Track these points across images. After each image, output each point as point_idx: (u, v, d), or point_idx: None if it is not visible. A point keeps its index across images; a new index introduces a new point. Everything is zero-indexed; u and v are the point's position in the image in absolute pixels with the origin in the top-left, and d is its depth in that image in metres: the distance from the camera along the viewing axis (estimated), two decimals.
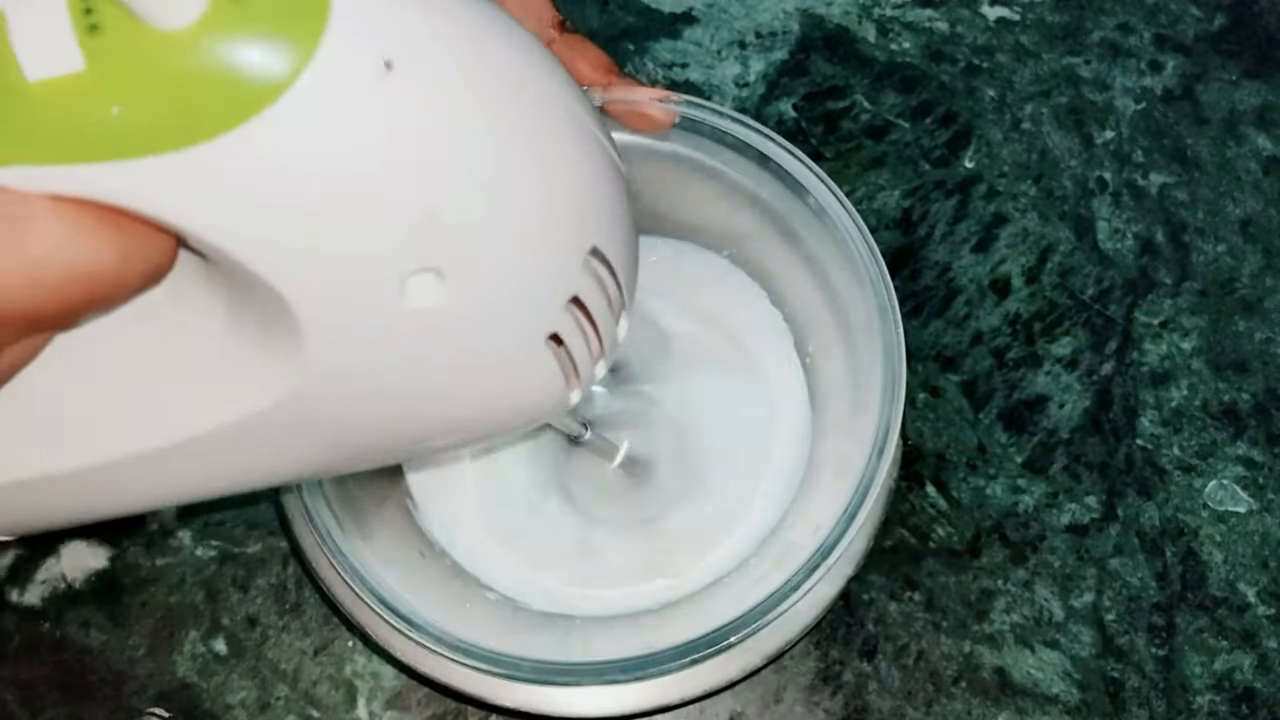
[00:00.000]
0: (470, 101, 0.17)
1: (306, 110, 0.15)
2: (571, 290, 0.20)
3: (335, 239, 0.17)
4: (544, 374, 0.21)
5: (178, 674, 0.36)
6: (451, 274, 0.18)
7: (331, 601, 0.31)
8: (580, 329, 0.21)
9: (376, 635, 0.30)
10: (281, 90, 0.15)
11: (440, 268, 0.17)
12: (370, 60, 0.16)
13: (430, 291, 0.18)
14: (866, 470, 0.28)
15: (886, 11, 0.46)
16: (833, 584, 0.30)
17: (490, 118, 0.18)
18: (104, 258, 0.16)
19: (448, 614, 0.29)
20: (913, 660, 0.36)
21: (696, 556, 0.34)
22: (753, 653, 0.30)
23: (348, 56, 0.16)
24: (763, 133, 0.31)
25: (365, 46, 0.16)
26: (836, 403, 0.34)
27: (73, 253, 0.16)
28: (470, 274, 0.18)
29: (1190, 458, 0.39)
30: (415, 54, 0.16)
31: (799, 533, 0.32)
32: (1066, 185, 0.43)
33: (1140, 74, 0.45)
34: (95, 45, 0.15)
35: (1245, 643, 0.37)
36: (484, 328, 0.19)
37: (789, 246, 0.34)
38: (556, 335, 0.20)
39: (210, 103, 0.15)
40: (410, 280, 0.17)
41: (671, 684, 0.30)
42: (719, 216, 0.36)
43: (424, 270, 0.17)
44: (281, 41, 0.15)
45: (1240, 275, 0.42)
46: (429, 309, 0.18)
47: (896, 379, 0.29)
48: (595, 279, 0.20)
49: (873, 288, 0.30)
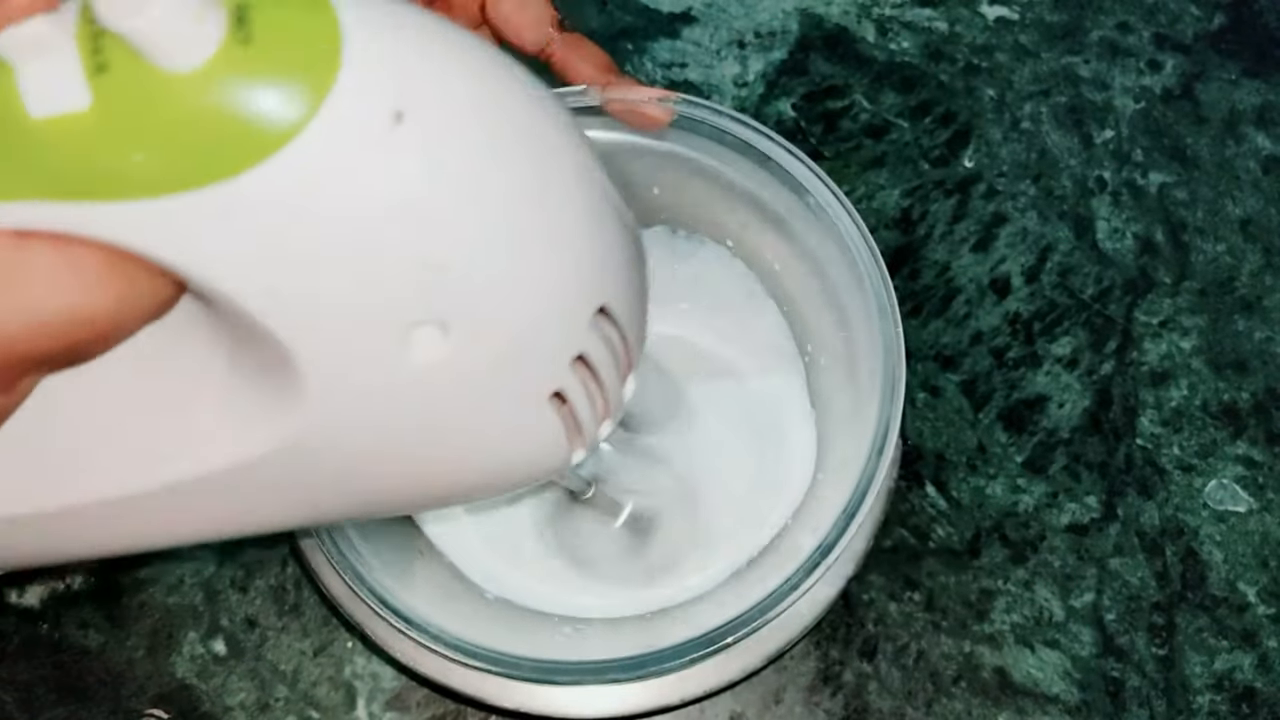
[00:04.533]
0: (481, 155, 0.17)
1: (314, 158, 0.15)
2: (577, 348, 0.19)
3: (339, 288, 0.16)
4: (546, 432, 0.20)
5: (177, 675, 0.36)
6: (456, 327, 0.17)
7: (330, 602, 0.31)
8: (585, 388, 0.20)
9: (375, 635, 0.30)
10: (289, 137, 0.15)
11: (445, 320, 0.17)
12: (381, 110, 0.15)
13: (434, 345, 0.17)
14: (865, 470, 0.28)
15: (885, 11, 0.46)
16: (832, 584, 0.30)
17: (500, 172, 0.17)
18: (104, 300, 0.16)
19: (446, 613, 0.29)
20: (913, 660, 0.36)
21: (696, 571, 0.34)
22: (753, 653, 0.30)
23: (358, 106, 0.15)
24: (762, 132, 0.31)
25: (376, 96, 0.15)
26: (836, 401, 0.34)
27: (73, 296, 0.15)
28: (475, 329, 0.18)
29: (1190, 457, 0.39)
30: (426, 105, 0.16)
31: (798, 533, 0.32)
32: (1066, 185, 0.43)
33: (1140, 73, 0.45)
34: (102, 84, 0.14)
35: (1245, 642, 0.37)
36: (487, 383, 0.18)
37: (788, 245, 0.34)
38: (560, 393, 0.20)
39: (216, 146, 0.15)
40: (414, 333, 0.17)
41: (671, 684, 0.30)
42: (718, 215, 0.36)
43: (428, 323, 0.17)
44: (291, 88, 0.15)
45: (1240, 274, 0.42)
46: (432, 362, 0.17)
47: (896, 379, 0.29)
48: (602, 338, 0.20)
49: (872, 287, 0.30)
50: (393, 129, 0.16)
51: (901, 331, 0.29)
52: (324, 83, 0.15)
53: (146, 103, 0.14)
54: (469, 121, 0.17)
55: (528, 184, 0.18)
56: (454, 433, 0.19)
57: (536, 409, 0.20)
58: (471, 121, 0.17)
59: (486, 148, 0.17)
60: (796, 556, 0.28)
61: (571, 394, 0.20)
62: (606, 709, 0.30)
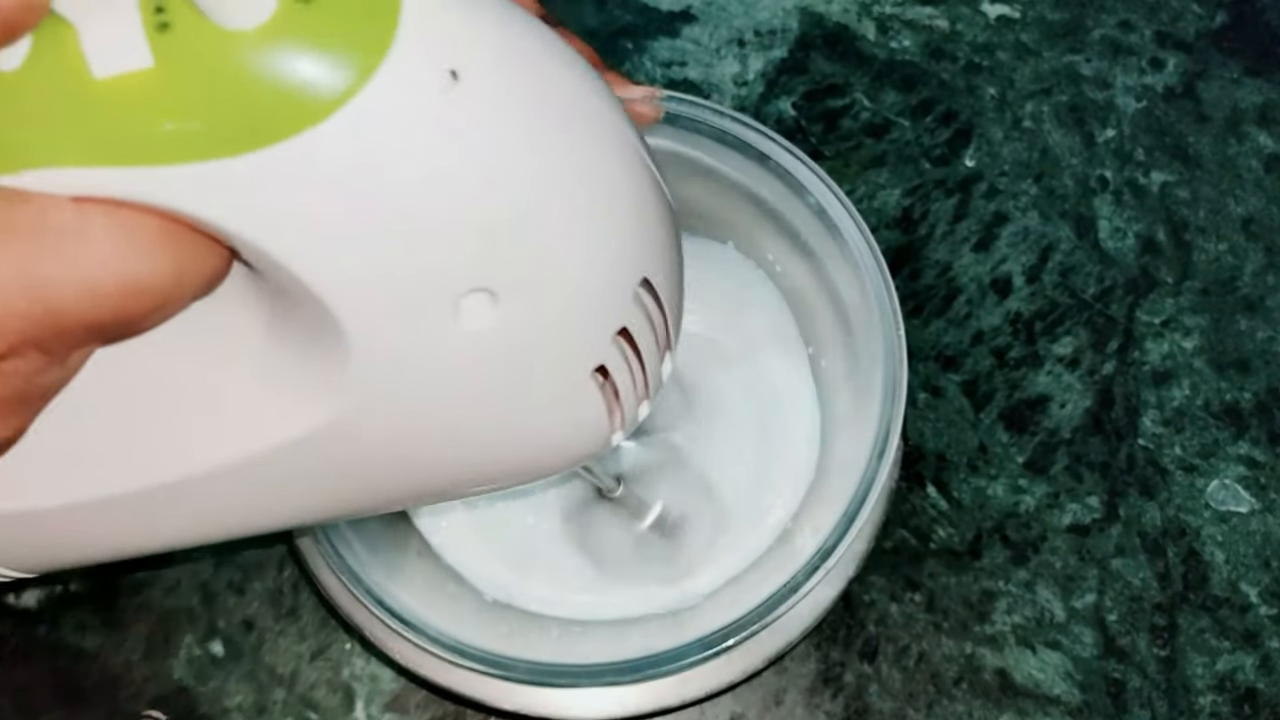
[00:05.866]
0: (532, 117, 0.17)
1: (371, 118, 0.15)
2: (621, 321, 0.19)
3: (391, 253, 0.16)
4: (590, 409, 0.20)
5: (174, 677, 0.36)
6: (505, 295, 0.17)
7: (329, 604, 0.31)
8: (627, 363, 0.20)
9: (374, 637, 0.30)
10: (348, 96, 0.15)
11: (495, 288, 0.17)
12: (438, 69, 0.15)
13: (483, 313, 0.17)
14: (867, 472, 0.28)
15: (886, 9, 0.46)
16: (833, 585, 0.30)
17: (551, 135, 0.17)
18: (160, 270, 0.16)
19: (444, 615, 0.29)
20: (914, 662, 0.36)
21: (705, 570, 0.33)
22: (753, 654, 0.30)
23: (416, 64, 0.15)
24: (762, 132, 0.31)
25: (434, 54, 0.15)
26: (837, 402, 0.34)
27: (129, 265, 0.15)
28: (524, 296, 0.17)
29: (1192, 457, 0.39)
30: (481, 65, 0.16)
31: (800, 534, 0.32)
32: (1067, 184, 0.43)
33: (1141, 72, 0.45)
34: (164, 43, 0.14)
35: (1247, 643, 0.36)
36: (533, 355, 0.18)
37: (788, 245, 0.34)
38: (604, 369, 0.20)
39: (276, 106, 0.15)
40: (464, 300, 0.17)
41: (671, 686, 0.30)
42: (718, 215, 0.36)
43: (478, 290, 0.17)
44: (350, 46, 0.15)
45: (1242, 274, 0.41)
46: (481, 331, 0.17)
47: (897, 381, 0.29)
48: (644, 311, 0.20)
49: (872, 287, 0.30)
50: (449, 90, 0.16)
51: (903, 333, 0.29)
52: (382, 42, 0.15)
53: (208, 61, 0.14)
54: (524, 85, 0.17)
55: (577, 149, 0.18)
56: (498, 408, 0.19)
57: (580, 384, 0.20)
58: (526, 86, 0.17)
59: (540, 112, 0.17)
60: (797, 558, 0.28)
61: (614, 369, 0.20)
62: (605, 710, 0.30)
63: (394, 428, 0.19)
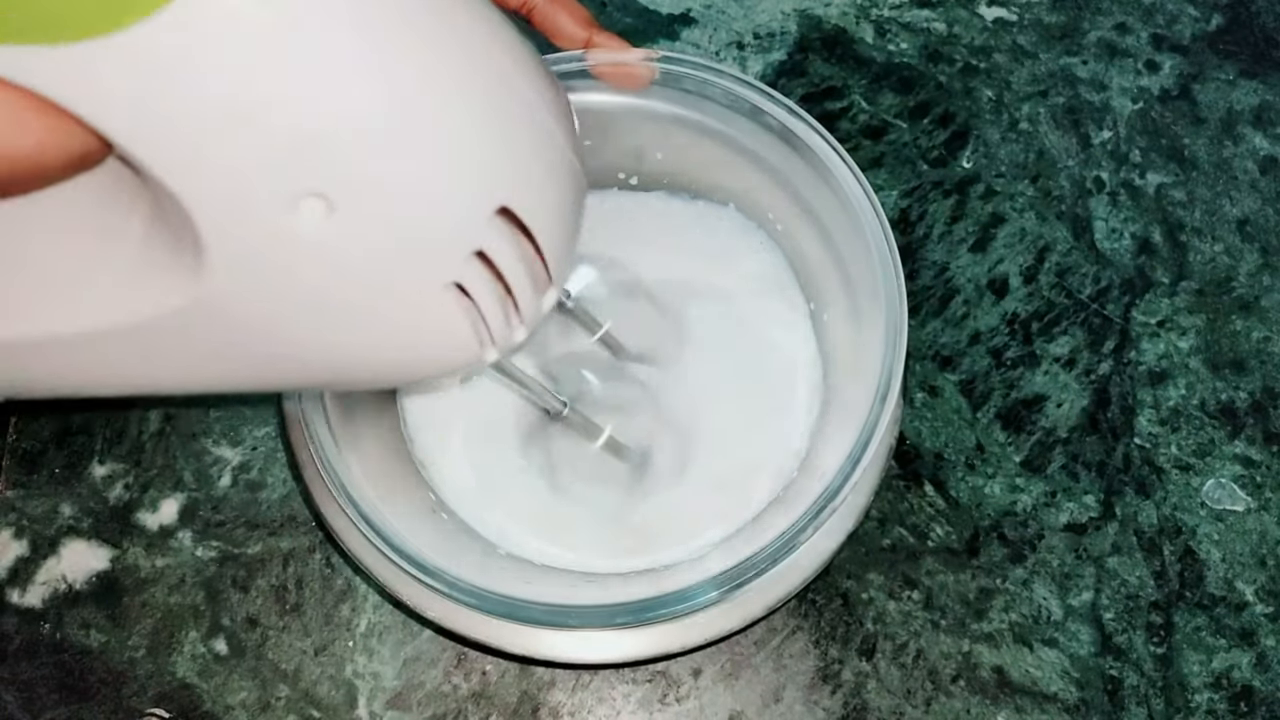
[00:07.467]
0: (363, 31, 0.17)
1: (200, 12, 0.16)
2: (474, 244, 0.20)
3: (225, 146, 0.17)
4: (448, 323, 0.21)
5: (178, 674, 0.36)
6: (340, 203, 0.18)
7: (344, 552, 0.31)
8: (490, 286, 0.21)
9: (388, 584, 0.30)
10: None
11: (327, 194, 0.18)
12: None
13: (320, 217, 0.18)
14: (870, 417, 0.28)
15: (884, 12, 0.46)
16: (833, 538, 0.30)
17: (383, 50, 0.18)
18: (23, 141, 0.17)
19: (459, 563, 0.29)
20: (911, 659, 0.36)
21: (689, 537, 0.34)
22: (753, 603, 0.30)
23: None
24: (766, 92, 0.31)
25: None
26: (839, 355, 0.34)
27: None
28: (359, 206, 0.18)
29: (1188, 457, 0.39)
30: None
31: (803, 479, 0.32)
32: (1064, 185, 0.43)
33: (1137, 74, 0.45)
34: None
35: (1243, 641, 0.37)
36: (376, 262, 0.19)
37: (790, 203, 0.34)
38: (462, 287, 0.21)
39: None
40: (301, 203, 0.18)
41: (674, 632, 0.30)
42: (721, 178, 0.36)
43: (312, 194, 0.18)
44: None
45: (1237, 274, 0.42)
46: (320, 236, 0.18)
47: (898, 328, 0.29)
48: (508, 239, 0.20)
49: (872, 238, 0.30)
50: None
51: (903, 281, 0.29)
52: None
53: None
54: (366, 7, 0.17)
55: (417, 67, 0.18)
56: (349, 309, 0.20)
57: (434, 296, 0.20)
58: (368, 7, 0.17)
59: (370, 26, 0.17)
60: (801, 502, 0.28)
61: (474, 290, 0.21)
62: (607, 655, 0.30)
63: (253, 313, 0.20)
